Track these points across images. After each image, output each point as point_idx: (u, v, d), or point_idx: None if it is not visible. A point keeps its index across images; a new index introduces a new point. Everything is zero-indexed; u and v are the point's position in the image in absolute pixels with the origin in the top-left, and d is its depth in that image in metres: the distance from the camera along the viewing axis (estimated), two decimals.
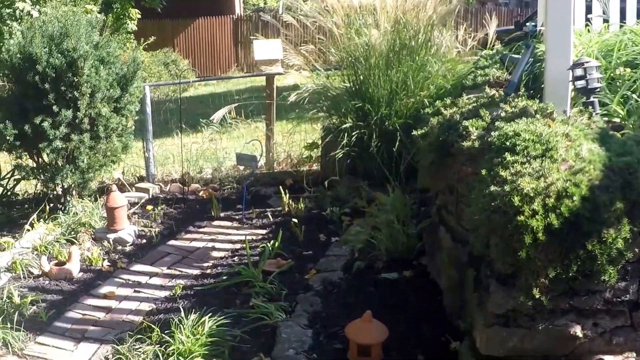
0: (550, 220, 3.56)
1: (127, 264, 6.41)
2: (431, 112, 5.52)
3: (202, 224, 7.38)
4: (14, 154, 7.28)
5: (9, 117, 7.02)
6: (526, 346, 3.90)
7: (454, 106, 5.29)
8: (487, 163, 4.07)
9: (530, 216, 3.60)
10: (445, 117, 5.02)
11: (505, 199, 3.73)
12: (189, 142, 9.44)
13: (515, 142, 4.04)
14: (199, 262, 6.43)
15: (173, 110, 9.72)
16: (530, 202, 3.64)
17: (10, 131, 6.90)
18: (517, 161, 3.90)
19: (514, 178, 3.78)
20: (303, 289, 5.66)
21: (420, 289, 5.49)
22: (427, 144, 4.93)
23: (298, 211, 7.40)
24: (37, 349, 5.03)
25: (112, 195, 6.77)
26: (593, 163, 3.78)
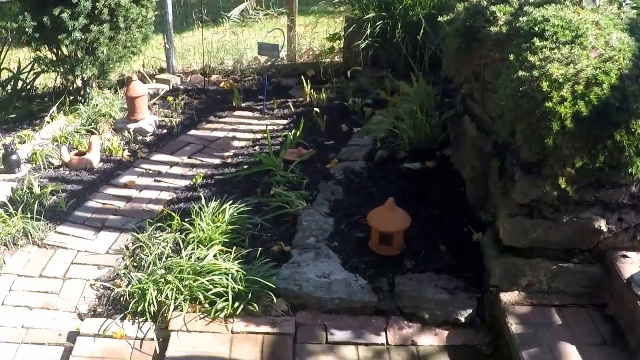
0: (579, 108, 3.43)
1: (148, 154, 6.34)
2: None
3: (222, 114, 7.27)
4: (33, 46, 7.14)
5: (27, 9, 6.85)
6: (550, 238, 3.83)
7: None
8: (515, 48, 3.92)
9: (559, 103, 3.46)
10: (472, 3, 4.81)
11: (533, 84, 3.60)
12: (210, 35, 9.23)
13: (544, 28, 3.89)
14: (219, 152, 6.35)
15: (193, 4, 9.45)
16: (559, 88, 3.50)
17: (30, 23, 6.74)
18: (546, 47, 3.76)
19: (543, 63, 3.64)
20: (324, 178, 5.58)
21: (443, 180, 5.38)
22: (454, 30, 4.73)
23: (320, 101, 7.25)
24: (57, 238, 5.01)
25: (133, 85, 6.64)
26: (623, 52, 3.63)
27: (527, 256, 3.93)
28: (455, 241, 4.64)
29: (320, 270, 4.32)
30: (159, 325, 4.03)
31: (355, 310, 4.11)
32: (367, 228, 4.67)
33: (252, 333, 3.92)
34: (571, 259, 3.91)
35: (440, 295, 4.12)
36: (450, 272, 4.35)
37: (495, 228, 4.14)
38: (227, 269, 4.20)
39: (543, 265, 3.92)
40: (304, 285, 4.17)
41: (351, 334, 3.96)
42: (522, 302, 3.94)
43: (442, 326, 4.07)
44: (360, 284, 4.22)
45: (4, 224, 4.98)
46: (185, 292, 4.09)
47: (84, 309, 4.27)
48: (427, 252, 4.54)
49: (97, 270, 4.64)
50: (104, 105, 7.00)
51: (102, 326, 4.04)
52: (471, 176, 5.00)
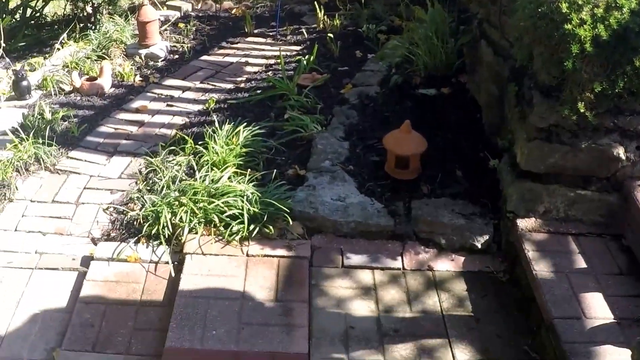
0: (599, 32, 3.35)
1: (160, 79, 6.22)
2: None
3: (235, 40, 7.12)
4: None
5: None
6: (567, 164, 3.77)
7: None
8: None
9: (578, 25, 3.37)
10: None
11: (552, 5, 3.50)
12: None
13: None
14: (232, 77, 6.23)
15: None
16: (579, 10, 3.41)
17: None
18: None
19: None
20: (339, 103, 5.47)
21: (459, 106, 5.28)
22: None
23: (333, 28, 7.09)
24: (69, 163, 4.96)
25: (144, 9, 6.49)
26: None
27: (544, 182, 3.87)
28: (471, 167, 4.56)
29: (335, 193, 4.26)
30: (173, 249, 3.99)
31: (371, 234, 4.06)
32: (382, 152, 4.59)
33: (268, 256, 3.88)
34: (588, 187, 3.86)
35: (457, 221, 4.06)
36: (466, 197, 4.29)
37: (512, 153, 4.08)
38: (242, 191, 4.14)
39: (560, 192, 3.87)
40: (320, 208, 4.11)
41: (367, 258, 3.92)
42: (539, 229, 3.89)
43: (458, 252, 4.03)
44: (377, 207, 4.16)
45: (16, 150, 4.93)
46: (199, 214, 4.04)
47: (97, 234, 4.24)
48: (443, 177, 4.47)
49: (110, 195, 4.59)
50: (115, 32, 6.86)
51: (115, 250, 4.00)
52: (487, 102, 4.90)
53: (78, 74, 6.05)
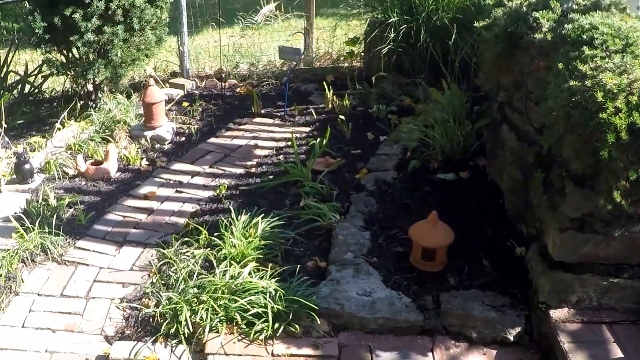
0: (634, 119, 3.35)
1: (167, 163, 6.24)
2: (493, 4, 5.22)
3: (242, 121, 7.16)
4: (43, 48, 7.03)
5: (38, 9, 6.77)
6: (600, 253, 3.77)
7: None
8: (563, 57, 3.82)
9: (613, 114, 3.38)
10: (512, 8, 4.71)
11: (586, 94, 3.50)
12: (225, 38, 9.16)
13: (592, 36, 3.81)
14: (242, 161, 6.25)
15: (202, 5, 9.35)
16: (614, 98, 3.42)
17: (39, 24, 6.67)
18: (597, 55, 3.66)
19: (595, 73, 3.54)
20: (355, 189, 5.49)
21: (479, 191, 5.30)
22: (494, 36, 4.63)
23: (343, 108, 7.15)
24: (77, 254, 4.92)
25: (150, 90, 6.54)
26: None
27: (576, 272, 3.86)
28: (497, 255, 4.55)
29: (361, 288, 4.22)
30: (193, 348, 3.92)
31: (400, 330, 4.01)
32: (406, 242, 4.58)
33: (294, 356, 3.81)
34: (621, 274, 3.85)
35: (488, 313, 4.02)
36: (495, 288, 4.26)
37: (541, 242, 4.07)
38: (265, 288, 4.09)
39: (593, 281, 3.87)
40: (346, 305, 4.07)
41: (397, 355, 3.87)
42: (572, 320, 3.88)
43: (490, 345, 3.98)
44: (404, 302, 4.12)
45: (21, 239, 4.89)
46: (220, 312, 3.99)
47: (110, 331, 4.17)
48: (470, 267, 4.45)
49: (122, 289, 4.55)
50: (118, 111, 6.90)
51: (132, 350, 3.93)
52: (510, 187, 4.91)
53: (83, 157, 6.06)
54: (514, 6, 4.74)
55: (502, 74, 4.81)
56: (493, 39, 4.66)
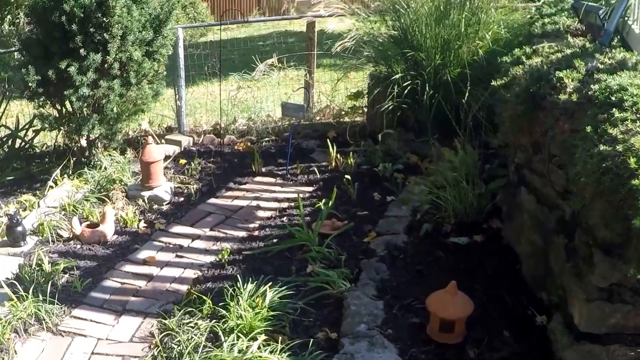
0: None
1: (166, 225, 6.11)
2: (510, 61, 5.14)
3: (243, 180, 7.06)
4: (36, 102, 6.96)
5: (31, 62, 6.75)
6: (629, 323, 3.69)
7: (537, 55, 4.92)
8: (591, 119, 3.75)
9: None
10: (533, 67, 4.63)
11: (617, 159, 3.42)
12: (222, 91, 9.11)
13: (622, 97, 3.75)
14: (244, 223, 6.12)
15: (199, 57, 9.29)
16: None
17: (33, 77, 6.62)
18: (627, 118, 3.59)
19: (626, 137, 3.47)
20: (364, 254, 5.38)
21: (495, 255, 5.21)
22: (514, 96, 4.55)
23: (347, 167, 7.07)
24: (73, 324, 4.77)
25: (149, 148, 6.45)
26: None
27: (604, 342, 3.78)
28: (517, 325, 4.44)
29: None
30: None
31: None
32: (422, 312, 4.48)
33: None
34: None
35: None
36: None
37: (565, 312, 4.00)
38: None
39: (621, 352, 3.77)
40: None
41: None
42: None
43: None
44: None
45: (14, 308, 4.74)
46: None
47: None
48: (489, 338, 4.33)
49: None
50: (114, 170, 6.80)
51: None
52: (528, 252, 4.82)
53: (78, 219, 5.94)
54: (534, 65, 4.67)
55: (522, 135, 4.74)
56: (513, 99, 4.58)
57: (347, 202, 6.35)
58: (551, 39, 5.49)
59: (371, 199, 6.41)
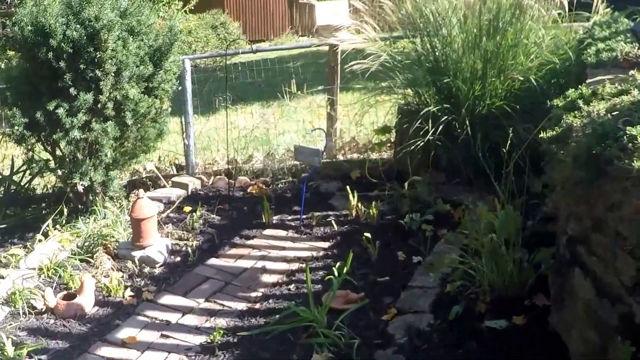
0: None
1: (155, 294, 5.05)
2: (563, 105, 3.99)
3: (250, 234, 6.00)
4: (24, 146, 6.03)
5: (19, 101, 5.87)
6: None
7: (597, 98, 3.80)
8: None
9: None
10: (594, 117, 3.48)
11: None
12: (238, 119, 8.13)
13: None
14: (245, 291, 5.05)
15: (222, 80, 8.26)
16: None
17: (20, 120, 5.73)
18: None
19: None
20: (381, 337, 4.26)
21: (538, 343, 4.07)
22: (571, 158, 3.38)
23: (369, 217, 5.98)
24: None
25: (139, 204, 5.43)
26: None
27: None
28: None
29: None
30: None
31: None
32: None
33: None
34: None
35: None
36: None
37: None
38: None
39: None
40: None
41: None
42: None
43: None
44: None
45: None
46: None
47: None
48: None
49: None
50: (105, 226, 5.80)
51: None
52: (582, 350, 3.68)
53: (55, 286, 4.98)
54: (596, 114, 3.51)
55: (579, 204, 3.60)
56: (569, 161, 3.43)
57: (366, 263, 5.27)
58: (608, 70, 4.46)
59: (394, 259, 5.31)
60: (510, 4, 6.06)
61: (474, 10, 6.03)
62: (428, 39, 6.32)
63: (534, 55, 6.04)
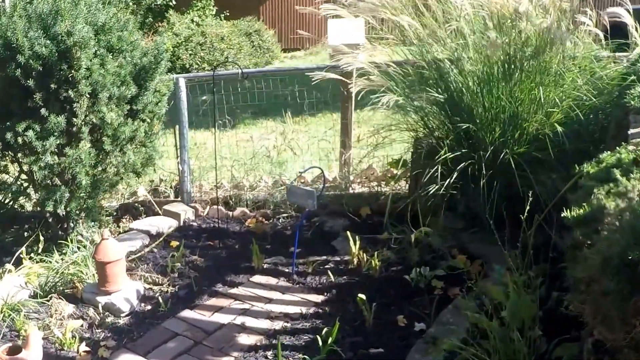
0: None
1: (113, 351, 4.24)
2: (594, 174, 3.11)
3: (236, 280, 5.15)
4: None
5: None
6: None
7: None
8: None
9: None
10: (632, 203, 2.59)
11: None
12: (254, 136, 7.38)
13: None
14: (215, 354, 4.20)
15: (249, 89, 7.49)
16: None
17: None
18: None
19: None
20: None
21: None
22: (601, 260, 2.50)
23: (371, 269, 5.13)
24: None
25: (104, 245, 4.65)
26: None
27: None
28: None
29: None
30: None
31: None
32: None
33: None
34: None
35: None
36: None
37: None
38: None
39: None
40: None
41: None
42: None
43: None
44: None
45: None
46: None
47: None
48: None
49: None
50: (73, 263, 5.06)
51: None
52: None
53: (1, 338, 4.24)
54: (637, 197, 2.64)
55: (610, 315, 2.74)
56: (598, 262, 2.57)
57: (359, 328, 4.40)
58: None
59: (393, 325, 4.43)
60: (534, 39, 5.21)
61: (493, 45, 5.18)
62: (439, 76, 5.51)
63: (561, 95, 5.17)
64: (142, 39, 5.61)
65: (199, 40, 15.55)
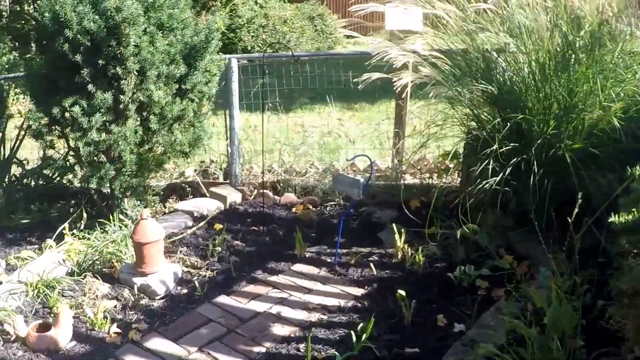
0: None
1: (144, 334, 4.15)
2: None
3: (277, 268, 5.02)
4: (42, 143, 5.31)
5: (37, 95, 5.11)
6: None
7: None
8: None
9: None
10: None
11: None
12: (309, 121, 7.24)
13: None
14: (248, 344, 4.09)
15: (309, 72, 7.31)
16: None
17: (35, 115, 5.00)
18: None
19: None
20: None
21: None
22: None
23: (415, 264, 4.94)
24: None
25: (142, 225, 4.57)
26: None
27: None
28: None
29: None
30: None
31: None
32: None
33: None
34: None
35: None
36: None
37: None
38: None
39: None
40: None
41: None
42: None
43: None
44: None
45: None
46: None
47: None
48: None
49: None
50: (113, 242, 4.99)
51: None
52: None
53: (34, 314, 4.22)
54: None
55: None
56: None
57: (397, 326, 4.23)
58: None
59: (432, 324, 4.25)
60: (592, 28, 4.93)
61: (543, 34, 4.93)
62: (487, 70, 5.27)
63: (619, 91, 4.88)
64: (194, 17, 5.49)
65: (261, 23, 15.39)
